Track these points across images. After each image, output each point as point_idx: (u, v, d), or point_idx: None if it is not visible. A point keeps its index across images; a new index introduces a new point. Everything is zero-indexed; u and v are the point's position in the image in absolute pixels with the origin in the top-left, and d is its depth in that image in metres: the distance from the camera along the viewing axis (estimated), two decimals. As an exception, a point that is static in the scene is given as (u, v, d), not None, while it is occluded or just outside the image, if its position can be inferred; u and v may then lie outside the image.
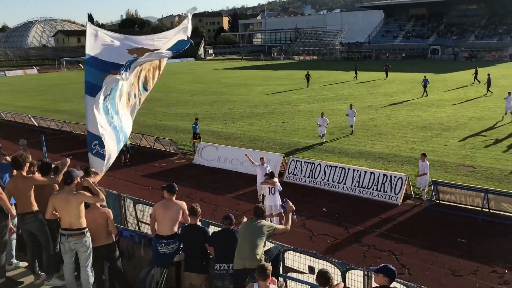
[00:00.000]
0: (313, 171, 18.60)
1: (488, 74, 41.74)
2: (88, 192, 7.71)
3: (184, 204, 8.10)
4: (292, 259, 7.82)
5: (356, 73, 57.54)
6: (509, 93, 29.06)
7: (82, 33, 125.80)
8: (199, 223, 8.01)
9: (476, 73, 48.24)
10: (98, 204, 7.87)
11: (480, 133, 25.84)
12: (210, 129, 30.28)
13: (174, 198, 8.09)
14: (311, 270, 7.65)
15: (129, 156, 22.78)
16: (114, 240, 8.16)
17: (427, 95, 39.87)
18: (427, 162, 16.39)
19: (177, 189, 8.20)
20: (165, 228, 7.85)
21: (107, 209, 8.06)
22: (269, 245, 7.88)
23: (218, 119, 33.80)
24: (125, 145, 22.27)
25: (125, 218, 10.68)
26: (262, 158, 15.87)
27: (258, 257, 7.11)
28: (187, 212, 8.07)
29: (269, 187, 13.76)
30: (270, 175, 13.96)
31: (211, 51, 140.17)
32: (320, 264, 7.48)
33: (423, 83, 40.53)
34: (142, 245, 8.55)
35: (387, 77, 56.99)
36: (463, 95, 40.65)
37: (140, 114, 37.06)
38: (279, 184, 13.95)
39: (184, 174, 20.76)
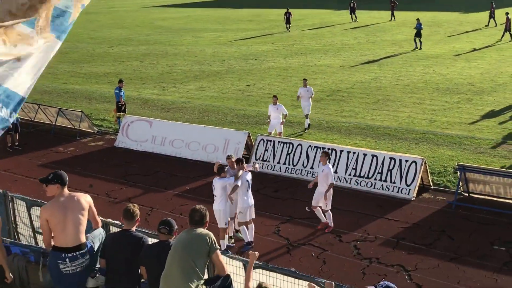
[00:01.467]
0: (291, 154, 18.75)
1: (507, 13, 43.01)
2: None
3: (89, 198, 7.99)
4: (262, 280, 7.90)
5: (353, 13, 57.92)
6: None
7: None
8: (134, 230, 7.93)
9: (492, 12, 49.45)
10: None
11: (525, 98, 26.61)
12: (140, 96, 29.98)
13: (66, 190, 7.90)
14: (289, 295, 7.77)
15: (18, 137, 22.32)
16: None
17: (420, 47, 40.51)
18: (331, 168, 14.72)
19: (67, 178, 7.99)
20: (68, 236, 7.71)
21: None
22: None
23: (151, 81, 33.48)
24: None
25: (14, 228, 10.51)
26: (230, 159, 14.10)
27: (195, 286, 6.95)
28: (95, 210, 7.96)
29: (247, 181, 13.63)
30: (237, 162, 13.67)
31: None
32: (301, 287, 7.60)
33: (415, 29, 41.06)
34: (41, 266, 8.45)
35: (393, 19, 57.56)
36: (502, 44, 41.58)
37: (35, 75, 36.35)
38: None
39: (102, 162, 20.56)
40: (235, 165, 13.62)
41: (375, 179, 17.23)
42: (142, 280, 7.92)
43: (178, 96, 29.61)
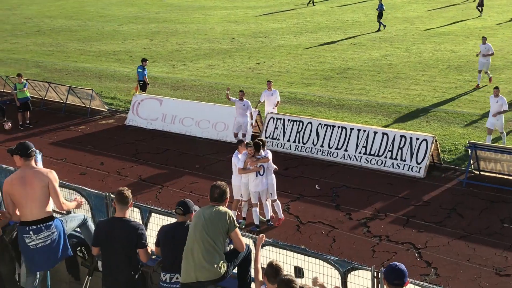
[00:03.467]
0: (301, 132, 18.73)
1: None
2: None
3: (52, 175, 7.79)
4: (272, 257, 7.95)
5: None
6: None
7: None
8: (128, 216, 7.79)
9: None
10: None
11: (537, 75, 26.41)
12: (150, 74, 29.93)
13: (33, 163, 7.81)
14: (299, 272, 7.81)
15: (30, 115, 22.44)
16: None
17: (384, 27, 39.57)
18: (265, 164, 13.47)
19: (34, 149, 7.87)
20: (31, 210, 7.65)
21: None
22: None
23: (161, 60, 33.44)
24: (21, 99, 21.91)
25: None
26: (250, 147, 13.43)
27: (216, 264, 7.07)
28: (56, 187, 7.74)
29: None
30: (256, 146, 13.31)
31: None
32: (311, 264, 7.64)
33: (377, 10, 39.92)
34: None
35: None
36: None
37: (45, 53, 36.47)
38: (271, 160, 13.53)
39: (113, 140, 20.64)
40: (256, 151, 13.32)
41: (386, 157, 17.21)
42: (153, 257, 8.00)
43: (188, 74, 29.58)
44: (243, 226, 13.81)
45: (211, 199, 7.39)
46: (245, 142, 13.90)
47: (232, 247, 7.60)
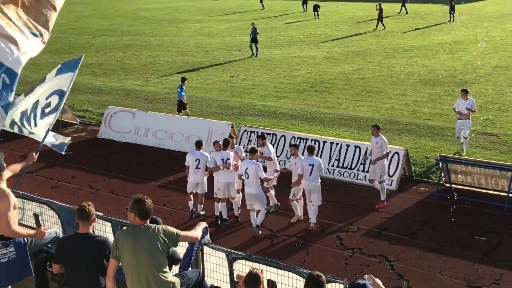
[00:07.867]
0: (274, 145, 18.75)
1: (380, 4, 44.76)
2: None
3: (7, 199, 7.62)
4: (244, 270, 7.92)
5: (305, 4, 56.76)
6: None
7: None
8: (93, 231, 7.70)
9: (452, 6, 48.37)
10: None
11: (507, 89, 26.81)
12: (123, 86, 29.83)
13: (1, 181, 7.74)
14: (272, 285, 7.79)
15: None
16: None
17: (256, 54, 37.06)
18: (318, 159, 14.45)
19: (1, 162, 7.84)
20: None
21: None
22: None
23: (134, 72, 33.32)
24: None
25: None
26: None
27: (167, 284, 6.88)
28: (7, 211, 7.56)
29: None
30: (251, 152, 14.05)
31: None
32: (284, 277, 7.63)
33: (251, 35, 37.39)
34: None
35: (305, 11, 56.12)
36: (484, 35, 41.83)
37: (16, 66, 36.03)
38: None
39: (85, 153, 20.45)
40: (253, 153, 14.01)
41: (358, 170, 17.31)
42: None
43: (161, 87, 29.51)
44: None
45: (141, 217, 6.87)
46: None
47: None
